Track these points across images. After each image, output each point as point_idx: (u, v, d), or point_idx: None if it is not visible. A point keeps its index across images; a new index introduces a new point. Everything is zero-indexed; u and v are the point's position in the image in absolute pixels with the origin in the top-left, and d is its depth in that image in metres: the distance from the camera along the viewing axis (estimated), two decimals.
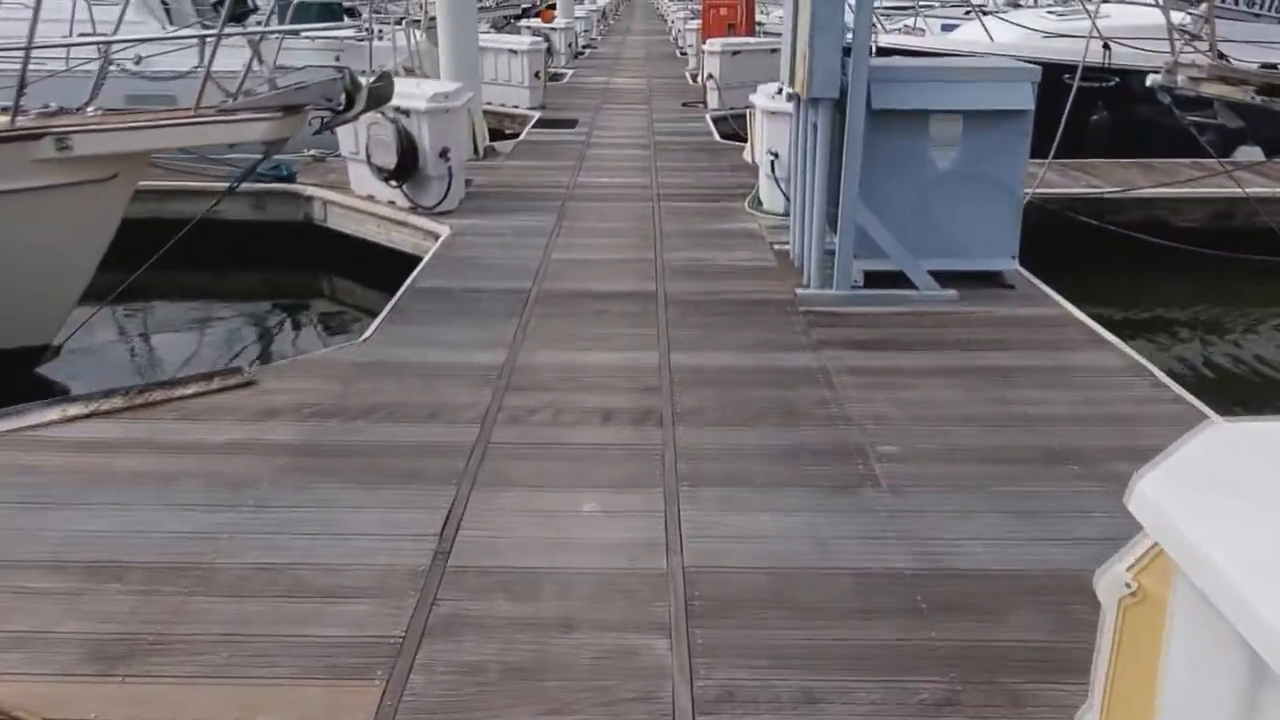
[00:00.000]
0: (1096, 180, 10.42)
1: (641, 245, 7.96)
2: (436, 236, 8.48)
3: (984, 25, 12.99)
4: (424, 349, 5.73)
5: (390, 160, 8.75)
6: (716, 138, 13.29)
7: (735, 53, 15.71)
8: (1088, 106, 9.75)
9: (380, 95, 6.37)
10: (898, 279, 6.60)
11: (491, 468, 4.33)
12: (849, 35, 6.12)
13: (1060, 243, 8.52)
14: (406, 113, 8.68)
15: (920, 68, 6.57)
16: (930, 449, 4.54)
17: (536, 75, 15.95)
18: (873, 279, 6.67)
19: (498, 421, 4.79)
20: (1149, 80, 8.02)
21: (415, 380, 5.27)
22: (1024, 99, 6.45)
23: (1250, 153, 10.85)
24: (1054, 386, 5.25)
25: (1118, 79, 10.39)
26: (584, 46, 27.03)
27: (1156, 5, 9.02)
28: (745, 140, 12.52)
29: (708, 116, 14.94)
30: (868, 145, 6.21)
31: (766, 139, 8.69)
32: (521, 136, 13.37)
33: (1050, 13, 13.62)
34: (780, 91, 7.86)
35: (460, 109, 9.08)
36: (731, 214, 8.97)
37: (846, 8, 6.12)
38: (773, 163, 8.59)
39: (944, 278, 6.63)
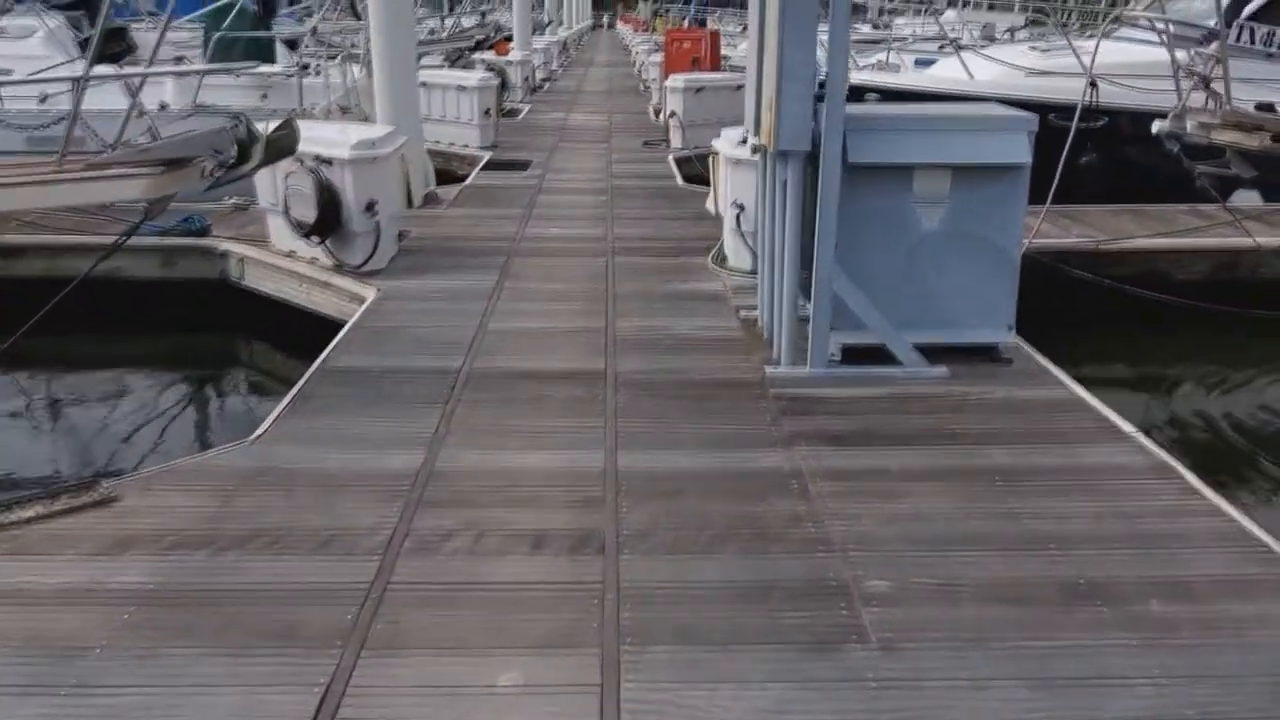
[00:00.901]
0: (1089, 229, 9.80)
1: (592, 311, 7.24)
2: (361, 300, 7.74)
3: (963, 62, 12.38)
4: (326, 450, 4.97)
5: (309, 214, 8.00)
6: (679, 181, 12.63)
7: (699, 89, 15.10)
8: (1075, 148, 9.17)
9: (282, 146, 5.63)
10: (879, 353, 5.93)
11: (387, 621, 3.57)
12: (822, 70, 5.46)
13: (1052, 298, 7.89)
14: (328, 161, 7.95)
15: (901, 115, 5.91)
16: (927, 585, 3.82)
17: (487, 113, 15.27)
18: (851, 353, 5.99)
19: (403, 551, 4.03)
20: (1155, 127, 7.43)
21: (309, 494, 4.51)
22: (1020, 151, 5.80)
23: (1248, 197, 10.29)
24: (1066, 493, 4.55)
25: (1106, 119, 9.82)
26: (543, 80, 26.42)
27: (1162, 44, 8.44)
28: (709, 184, 11.88)
29: (670, 157, 14.29)
30: (844, 203, 5.54)
31: (731, 189, 8.01)
32: (468, 181, 12.66)
33: (1033, 49, 13.03)
34: (745, 141, 7.19)
35: (389, 157, 8.36)
36: (694, 271, 8.28)
37: (819, 48, 5.48)
38: (738, 215, 7.91)
39: (932, 352, 5.96)
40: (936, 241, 5.88)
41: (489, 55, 21.03)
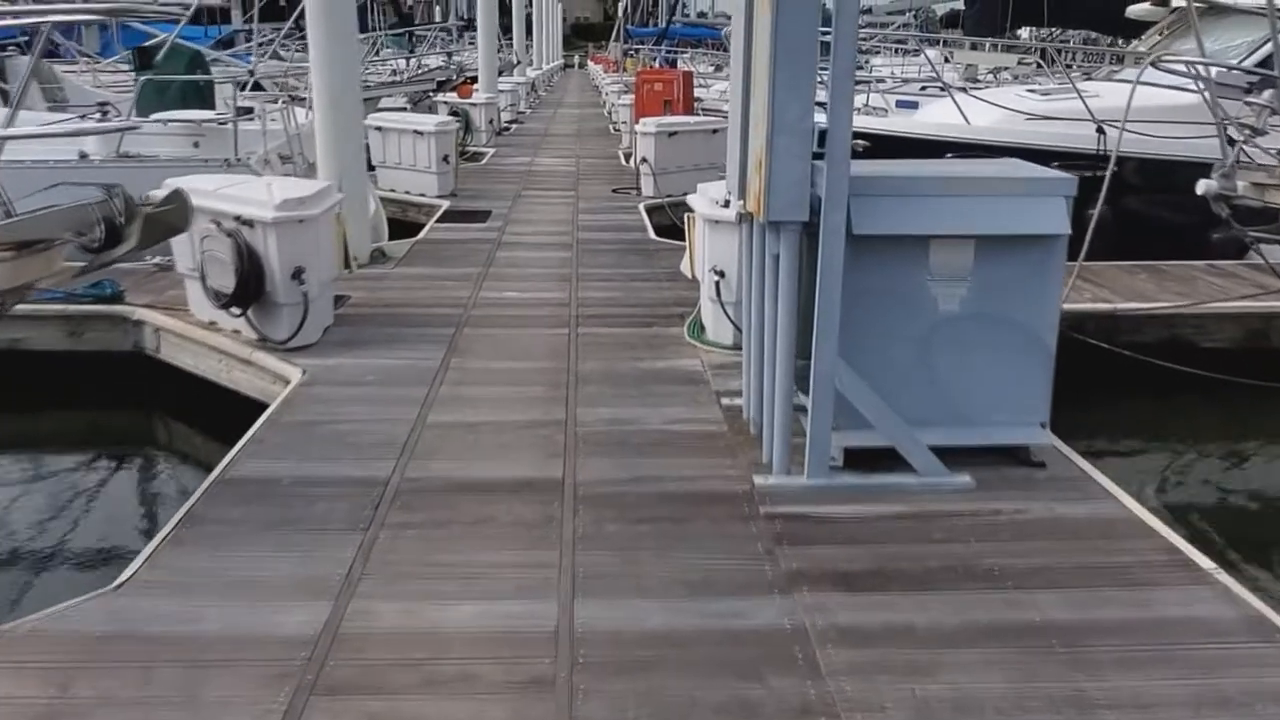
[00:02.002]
0: (1102, 291, 8.92)
1: (550, 398, 6.28)
2: (286, 382, 6.77)
3: (958, 105, 11.48)
4: (205, 603, 3.96)
5: (228, 283, 7.02)
6: (651, 234, 11.69)
7: (672, 134, 14.23)
8: (1081, 200, 8.31)
9: (168, 223, 4.69)
10: (889, 455, 4.98)
11: None
12: (821, 121, 4.56)
13: (1065, 368, 6.97)
14: (249, 223, 6.98)
15: (915, 176, 4.98)
16: None
17: (445, 159, 14.34)
18: (857, 457, 5.05)
19: None
20: (1201, 188, 6.57)
21: (171, 675, 3.50)
22: (1056, 219, 4.90)
23: (1271, 253, 9.45)
24: (1145, 665, 3.60)
25: (1114, 169, 8.98)
26: (509, 122, 25.57)
27: (1199, 92, 7.60)
28: (684, 238, 10.97)
29: (641, 207, 13.38)
30: (848, 280, 4.60)
31: (710, 253, 7.07)
32: (421, 234, 11.69)
33: (1030, 91, 12.15)
34: (728, 204, 6.28)
35: (321, 217, 7.39)
36: (667, 345, 7.33)
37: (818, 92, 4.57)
38: (718, 283, 6.97)
39: (953, 455, 5.02)
40: (957, 325, 4.96)
41: (452, 97, 20.15)
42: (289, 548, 4.42)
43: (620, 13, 45.03)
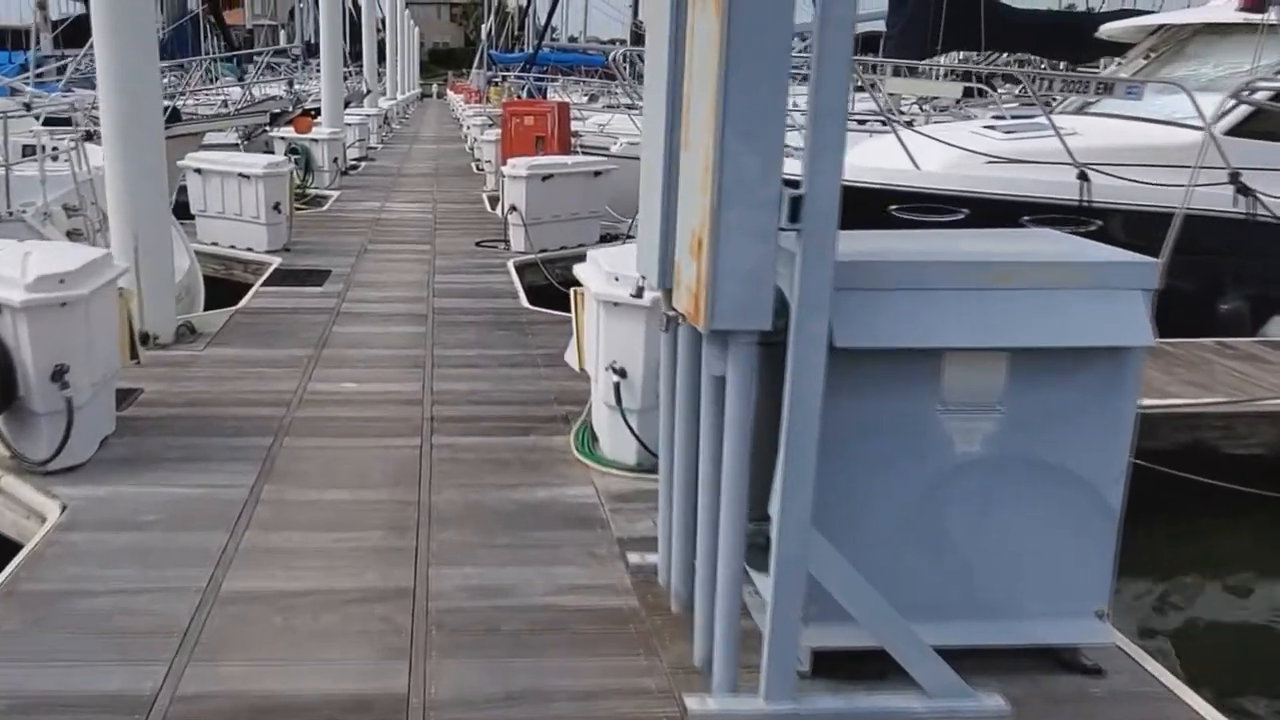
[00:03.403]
0: None
1: (393, 550, 4.97)
2: (42, 519, 5.36)
3: (904, 145, 10.07)
4: None
5: None
6: (523, 300, 10.42)
7: (546, 177, 13.01)
8: None
9: None
10: (878, 657, 3.72)
11: None
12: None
13: None
14: None
15: (922, 262, 3.72)
16: None
17: (277, 208, 12.90)
18: (831, 662, 3.83)
19: None
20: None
21: None
22: (1134, 325, 3.64)
23: None
24: None
25: (1100, 221, 8.01)
26: (358, 159, 24.11)
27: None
28: (566, 306, 9.76)
29: (510, 265, 12.13)
30: (826, 412, 3.37)
31: (607, 345, 5.83)
32: (242, 303, 10.23)
33: (990, 128, 10.82)
34: (640, 293, 5.07)
35: (94, 297, 5.96)
36: (550, 463, 6.07)
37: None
38: (617, 385, 5.74)
39: (974, 660, 3.77)
40: (979, 473, 3.73)
41: (289, 132, 18.67)
42: None
43: (484, 36, 43.90)
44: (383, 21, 45.64)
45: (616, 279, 5.60)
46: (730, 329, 3.33)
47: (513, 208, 12.96)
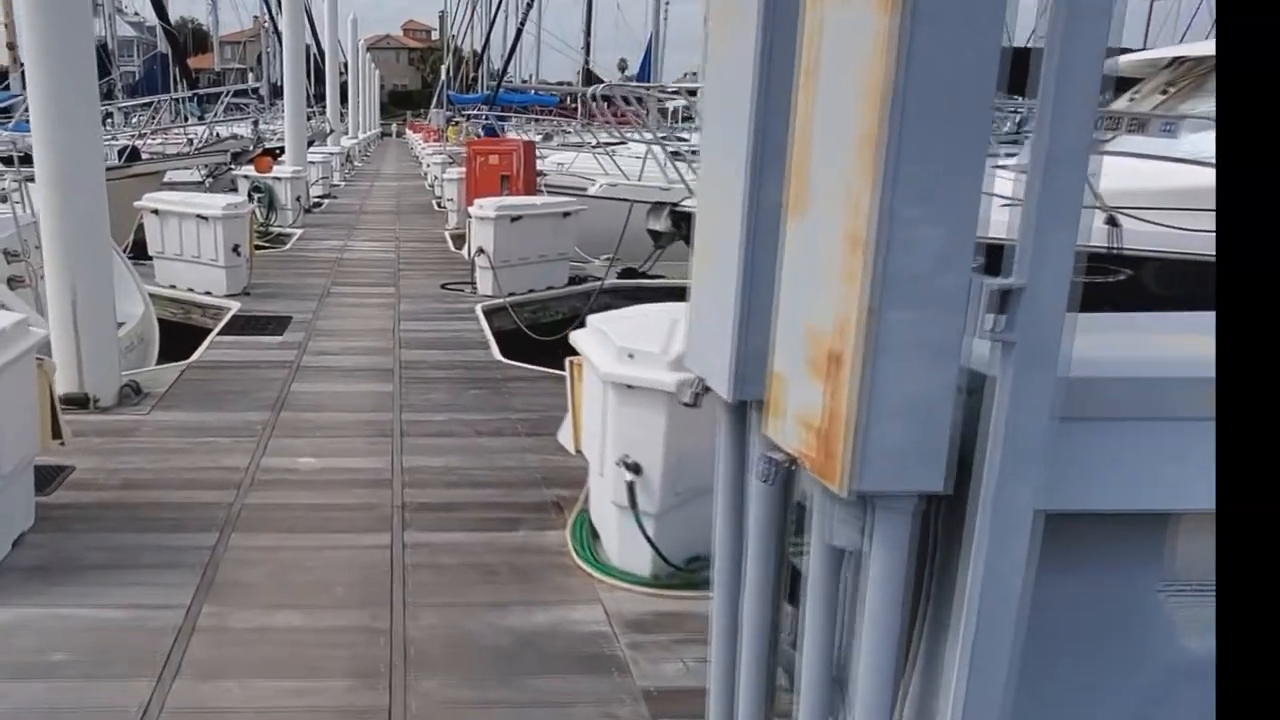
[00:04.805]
0: None
1: (359, 715, 3.63)
2: None
3: None
4: None
5: None
6: (495, 352, 9.07)
7: (516, 218, 11.69)
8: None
9: None
10: None
11: None
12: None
13: None
14: None
15: (1155, 377, 2.26)
16: None
17: (236, 250, 11.49)
18: None
19: None
20: None
21: None
22: None
23: None
24: None
25: (1130, 270, 6.80)
26: (320, 197, 22.63)
27: None
28: (543, 360, 8.45)
29: (479, 309, 10.77)
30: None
31: (617, 433, 4.50)
32: (197, 354, 8.80)
33: (1003, 167, 9.48)
34: (696, 396, 3.75)
35: (3, 373, 4.60)
36: (545, 570, 4.74)
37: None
38: (631, 485, 4.42)
39: None
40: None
41: (250, 170, 17.19)
42: None
43: (444, 74, 42.43)
44: (345, 65, 44.15)
45: (631, 356, 4.31)
46: (883, 491, 2.03)
47: (480, 250, 11.61)
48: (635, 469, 4.36)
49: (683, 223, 11.03)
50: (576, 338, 4.86)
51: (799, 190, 2.18)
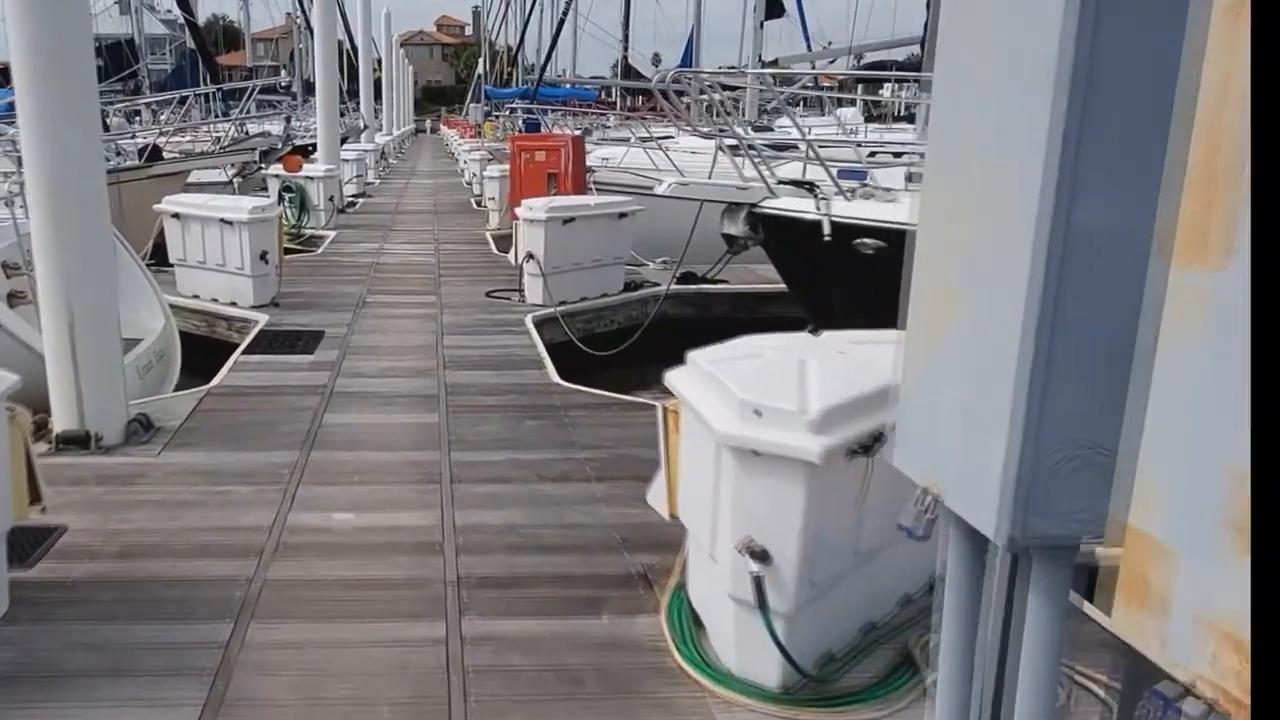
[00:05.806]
0: None
1: None
2: None
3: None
4: None
5: None
6: (552, 373, 8.06)
7: (568, 220, 10.69)
8: None
9: None
10: None
11: None
12: None
13: None
14: None
15: None
16: None
17: (264, 257, 10.55)
18: None
19: None
20: None
21: None
22: None
23: None
24: None
25: None
26: (355, 196, 21.74)
27: None
28: (606, 383, 7.47)
29: (529, 321, 9.79)
30: None
31: (735, 510, 3.47)
32: (218, 379, 7.85)
33: None
34: (927, 524, 2.72)
35: None
36: (639, 675, 3.74)
37: None
38: (759, 579, 3.38)
39: None
40: None
41: (278, 170, 16.28)
42: None
43: (481, 68, 41.57)
44: (379, 61, 43.35)
45: (758, 413, 3.29)
46: None
47: (529, 255, 10.61)
48: (763, 556, 3.34)
49: (760, 226, 9.99)
50: (676, 381, 3.84)
51: (1206, 220, 1.18)
